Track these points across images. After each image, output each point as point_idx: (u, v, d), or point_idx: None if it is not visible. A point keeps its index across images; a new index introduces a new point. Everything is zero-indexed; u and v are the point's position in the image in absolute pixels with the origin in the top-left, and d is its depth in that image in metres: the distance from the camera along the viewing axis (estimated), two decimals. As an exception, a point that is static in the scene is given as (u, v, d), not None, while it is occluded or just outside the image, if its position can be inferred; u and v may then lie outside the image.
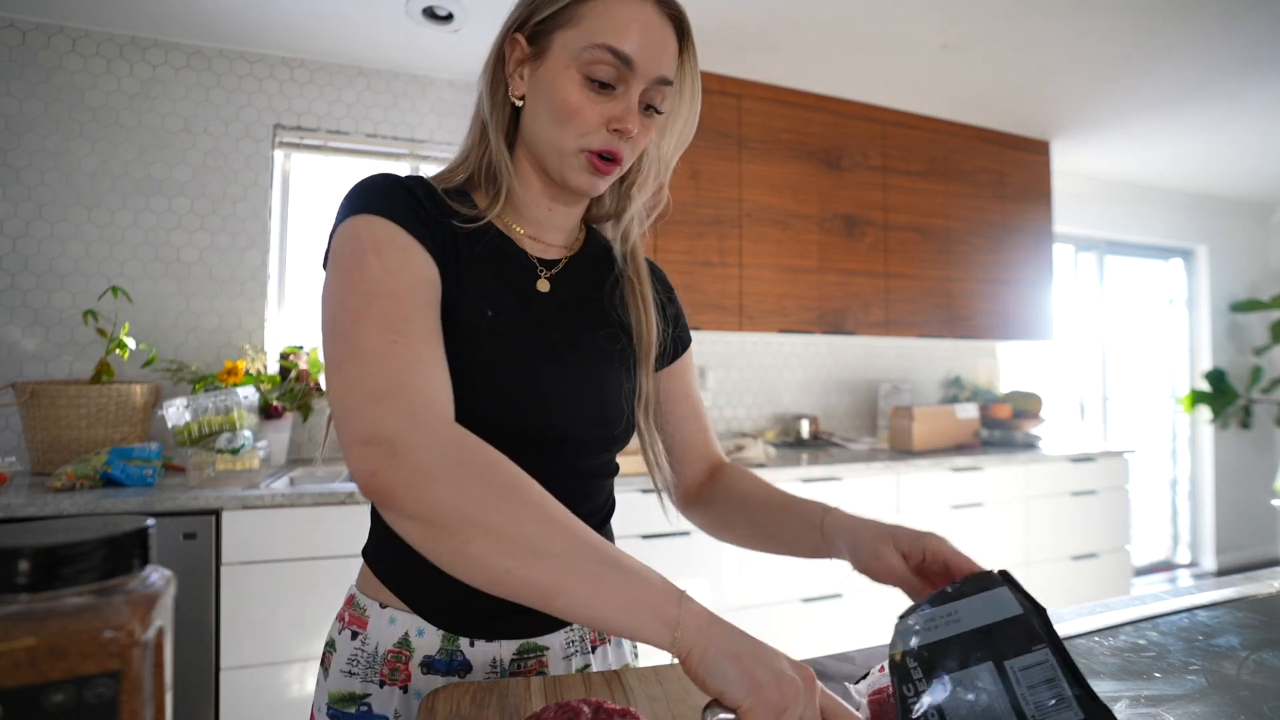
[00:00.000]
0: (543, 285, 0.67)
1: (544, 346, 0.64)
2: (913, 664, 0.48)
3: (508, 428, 0.61)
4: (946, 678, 0.48)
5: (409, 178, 0.63)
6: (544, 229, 0.70)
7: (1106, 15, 2.12)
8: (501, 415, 0.61)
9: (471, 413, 0.58)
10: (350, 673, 0.64)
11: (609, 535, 0.75)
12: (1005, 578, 0.53)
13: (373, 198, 0.58)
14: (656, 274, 0.80)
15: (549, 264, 0.69)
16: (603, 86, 0.59)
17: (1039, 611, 0.51)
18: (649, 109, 0.63)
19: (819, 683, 0.45)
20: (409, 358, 0.50)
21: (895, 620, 0.53)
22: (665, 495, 0.75)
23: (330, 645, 0.67)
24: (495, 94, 0.65)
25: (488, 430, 0.58)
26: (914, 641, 0.50)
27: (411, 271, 0.55)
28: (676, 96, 0.66)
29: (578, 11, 0.59)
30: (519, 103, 0.64)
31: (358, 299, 0.52)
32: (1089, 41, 2.28)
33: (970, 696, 0.46)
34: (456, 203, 0.64)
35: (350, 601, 0.68)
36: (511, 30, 0.63)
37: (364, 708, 0.62)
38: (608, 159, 0.61)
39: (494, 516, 0.44)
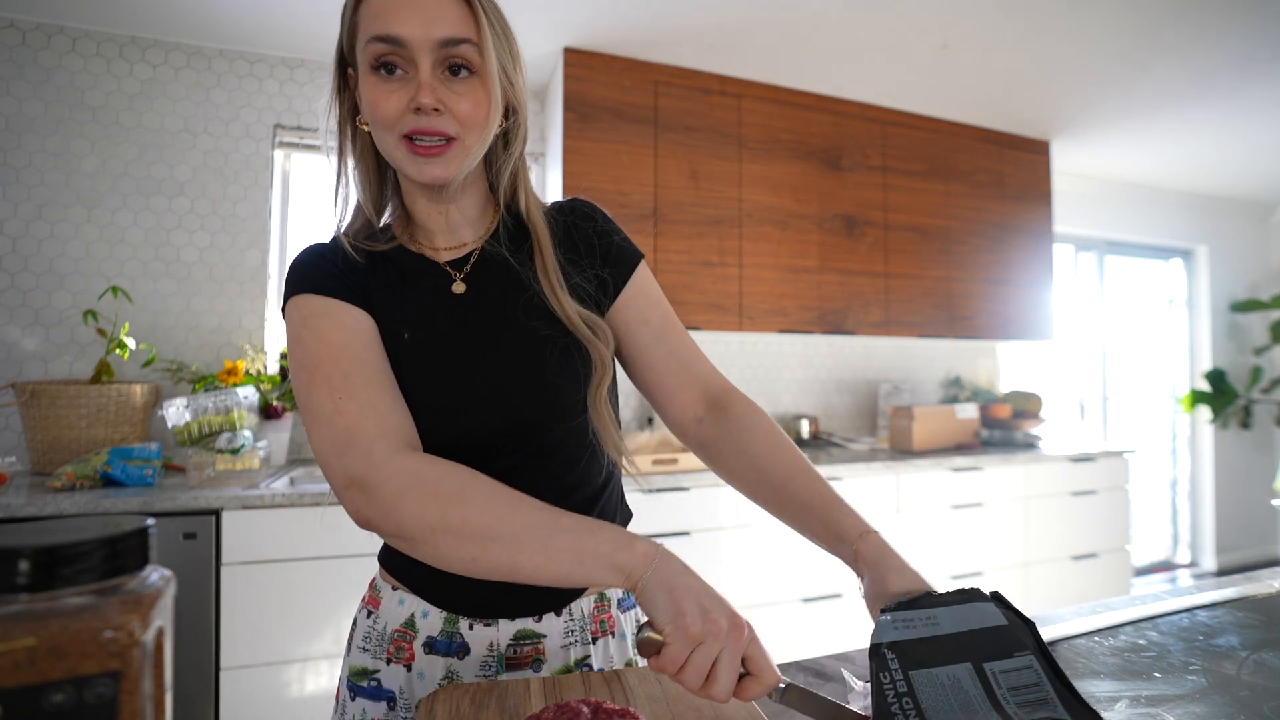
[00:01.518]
0: (458, 287, 0.69)
1: (469, 348, 0.66)
2: (890, 655, 0.49)
3: (456, 434, 0.64)
4: (924, 671, 0.48)
5: (328, 245, 0.69)
6: (448, 233, 0.71)
7: (1106, 15, 2.12)
8: (444, 425, 0.64)
9: (421, 428, 0.62)
10: (364, 649, 0.69)
11: (612, 514, 0.73)
12: (994, 596, 0.54)
13: (294, 279, 0.65)
14: (578, 210, 0.75)
15: (462, 263, 0.70)
16: (391, 73, 0.61)
17: (1028, 625, 0.51)
18: (457, 73, 0.61)
19: (752, 635, 0.49)
20: (354, 410, 0.58)
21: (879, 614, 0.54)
22: (623, 462, 0.72)
23: (354, 622, 0.73)
24: (344, 127, 0.68)
25: (439, 440, 0.63)
26: (893, 635, 0.50)
27: (342, 330, 0.62)
28: (484, 41, 0.61)
29: (355, 20, 0.62)
30: (366, 128, 0.66)
31: (305, 373, 0.60)
32: (1089, 41, 2.28)
33: (948, 691, 0.47)
34: (373, 243, 0.68)
35: (372, 584, 0.74)
36: (338, 68, 0.67)
37: (374, 682, 0.68)
38: (425, 141, 0.61)
39: (449, 519, 0.53)
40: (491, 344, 0.66)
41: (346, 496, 0.55)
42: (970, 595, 0.53)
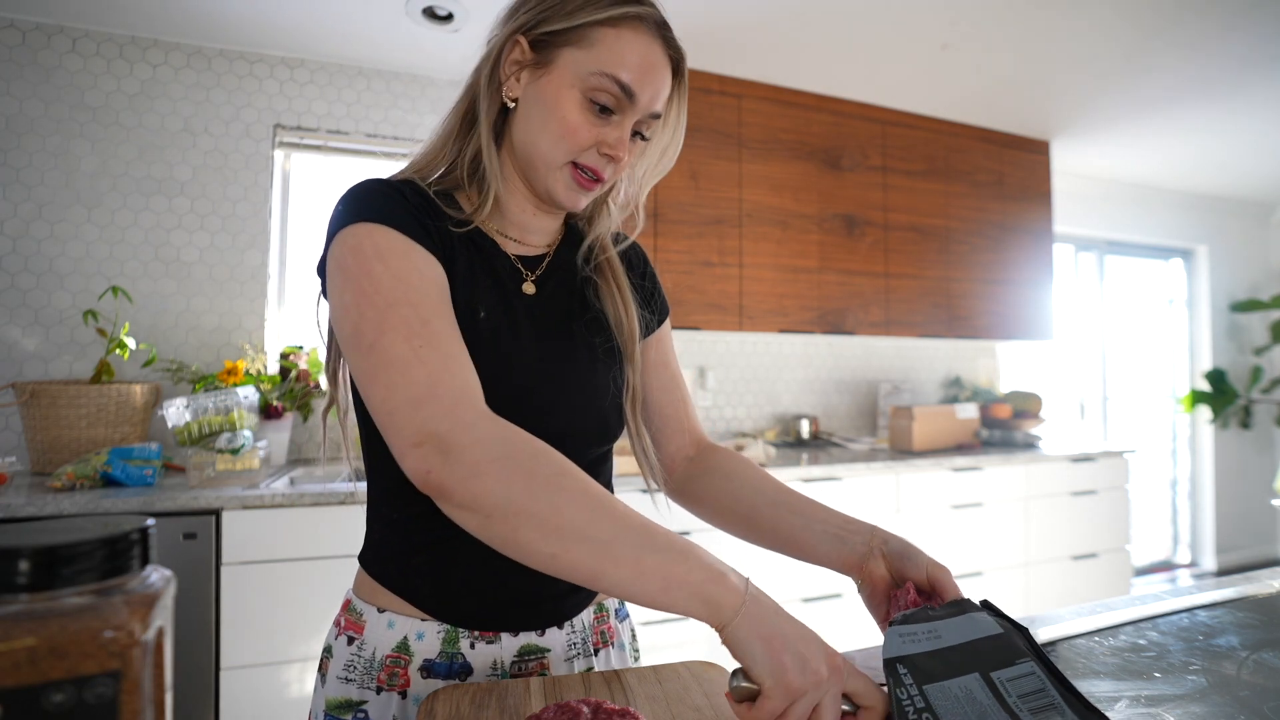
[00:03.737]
0: (528, 288, 0.68)
1: (534, 350, 0.65)
2: (903, 670, 0.49)
3: None
4: (936, 685, 0.48)
5: (399, 181, 0.64)
6: (528, 232, 0.71)
7: (1106, 15, 2.12)
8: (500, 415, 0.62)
9: None
10: (347, 679, 0.63)
11: None
12: (985, 605, 0.55)
13: (367, 204, 0.58)
14: (632, 252, 0.80)
15: (532, 264, 0.70)
16: (602, 110, 0.61)
17: (1021, 631, 0.53)
18: (636, 135, 0.65)
19: (852, 670, 0.47)
20: (437, 360, 0.52)
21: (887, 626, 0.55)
22: (653, 482, 0.75)
23: (327, 651, 0.66)
24: (489, 91, 0.65)
25: None
26: (901, 649, 0.51)
27: (420, 275, 0.56)
28: (661, 128, 0.68)
29: (590, 35, 0.60)
30: (511, 104, 0.65)
31: (375, 310, 0.53)
32: (1089, 41, 2.28)
33: (963, 703, 0.47)
34: (445, 205, 0.64)
35: (346, 606, 0.67)
36: (516, 31, 0.62)
37: (360, 715, 0.62)
38: (592, 177, 0.64)
39: (538, 505, 0.47)
40: (560, 353, 0.67)
41: (417, 454, 0.48)
42: (964, 606, 0.55)
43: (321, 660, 0.67)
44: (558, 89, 0.60)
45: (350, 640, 0.64)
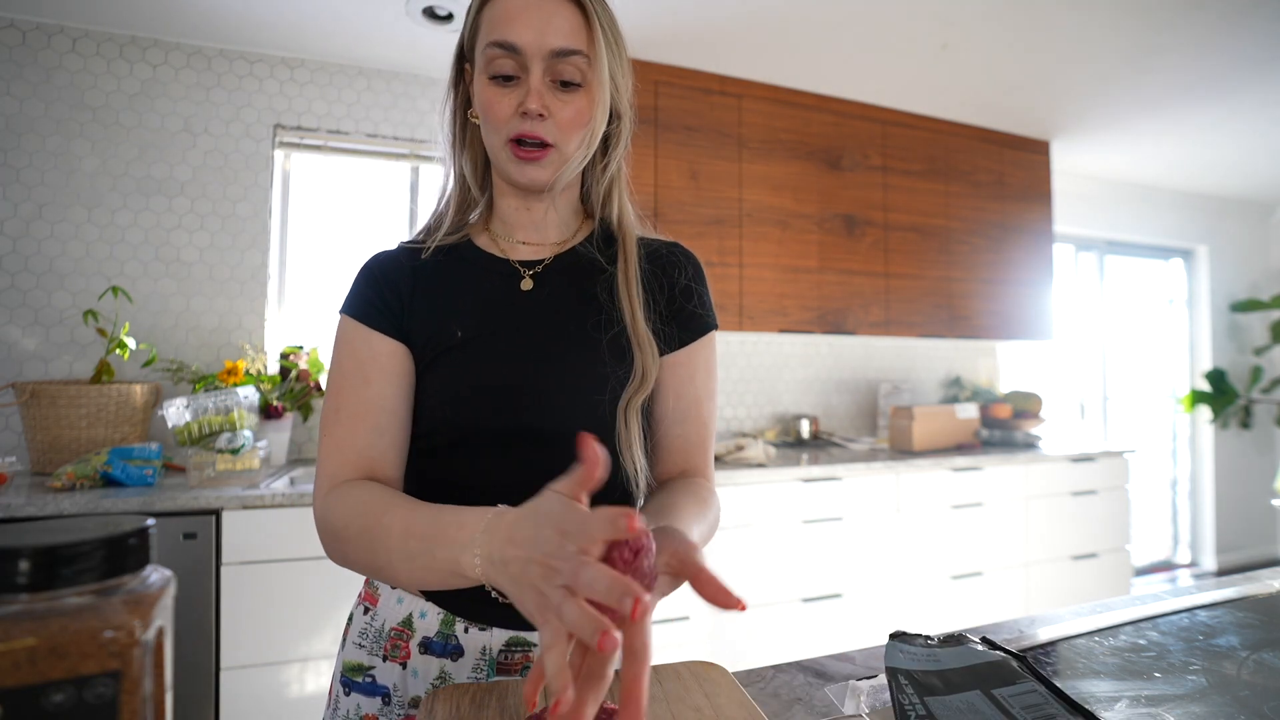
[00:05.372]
0: (526, 284, 0.69)
1: (525, 345, 0.66)
2: (904, 680, 0.50)
3: (497, 428, 0.64)
4: (940, 698, 0.49)
5: (391, 253, 0.71)
6: (528, 230, 0.72)
7: (1106, 15, 2.12)
8: (488, 417, 0.64)
9: (464, 420, 0.63)
10: (360, 645, 0.69)
11: None
12: (984, 640, 0.56)
13: (347, 296, 0.69)
14: (670, 256, 0.74)
15: (535, 264, 0.71)
16: (506, 80, 0.63)
17: (1019, 658, 0.54)
18: (566, 85, 0.63)
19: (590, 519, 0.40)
20: (326, 446, 0.64)
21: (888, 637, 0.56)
22: (634, 488, 0.66)
23: (350, 618, 0.73)
24: (456, 118, 0.71)
25: (483, 433, 0.64)
26: (903, 663, 0.52)
27: (354, 359, 0.66)
28: (595, 61, 0.63)
29: (478, 20, 0.64)
30: (476, 121, 0.68)
31: (327, 396, 0.67)
32: (1089, 41, 2.28)
33: (965, 714, 0.47)
34: (450, 237, 0.71)
35: (368, 580, 0.73)
36: (459, 60, 0.69)
37: (369, 678, 0.68)
38: (528, 144, 0.63)
39: (356, 558, 0.58)
40: (554, 346, 0.66)
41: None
42: (960, 639, 0.56)
43: (345, 626, 0.74)
44: (476, 81, 0.65)
45: (366, 610, 0.71)
